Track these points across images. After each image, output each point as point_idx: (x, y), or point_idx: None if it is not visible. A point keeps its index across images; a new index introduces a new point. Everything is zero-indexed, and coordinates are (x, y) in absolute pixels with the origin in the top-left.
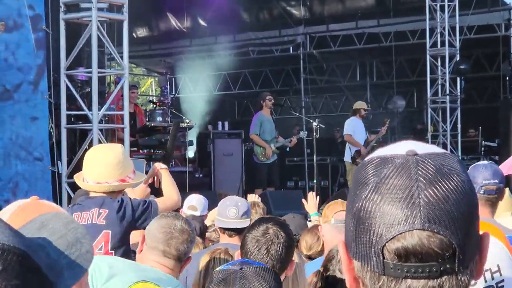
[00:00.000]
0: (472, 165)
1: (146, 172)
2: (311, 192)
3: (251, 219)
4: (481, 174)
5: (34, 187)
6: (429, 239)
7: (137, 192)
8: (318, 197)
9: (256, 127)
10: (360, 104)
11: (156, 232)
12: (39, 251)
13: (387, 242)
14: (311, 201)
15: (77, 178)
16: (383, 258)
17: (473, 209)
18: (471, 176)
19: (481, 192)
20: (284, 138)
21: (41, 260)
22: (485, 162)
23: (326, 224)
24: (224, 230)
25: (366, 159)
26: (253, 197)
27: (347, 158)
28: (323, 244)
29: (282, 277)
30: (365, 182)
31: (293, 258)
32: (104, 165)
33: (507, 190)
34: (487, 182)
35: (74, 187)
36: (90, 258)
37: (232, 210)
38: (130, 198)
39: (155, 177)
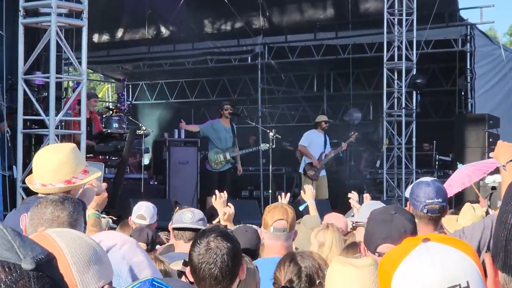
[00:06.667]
0: (415, 182)
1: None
2: (307, 185)
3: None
4: (424, 192)
5: None
6: None
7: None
8: (312, 187)
9: (205, 127)
10: (320, 118)
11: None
12: None
13: None
14: (308, 191)
15: (29, 181)
16: None
17: None
18: (414, 193)
19: (425, 211)
20: (240, 150)
21: None
22: (428, 179)
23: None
24: (180, 234)
25: None
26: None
27: (301, 169)
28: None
29: (236, 283)
30: None
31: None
32: (48, 167)
33: (470, 205)
34: (430, 201)
35: (28, 191)
36: None
37: (187, 215)
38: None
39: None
